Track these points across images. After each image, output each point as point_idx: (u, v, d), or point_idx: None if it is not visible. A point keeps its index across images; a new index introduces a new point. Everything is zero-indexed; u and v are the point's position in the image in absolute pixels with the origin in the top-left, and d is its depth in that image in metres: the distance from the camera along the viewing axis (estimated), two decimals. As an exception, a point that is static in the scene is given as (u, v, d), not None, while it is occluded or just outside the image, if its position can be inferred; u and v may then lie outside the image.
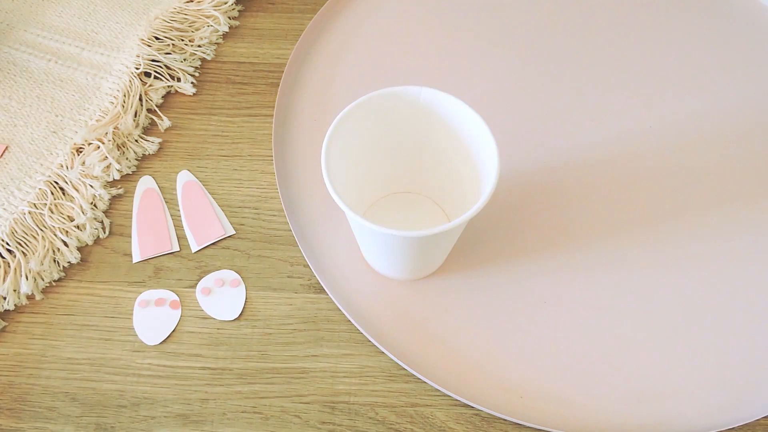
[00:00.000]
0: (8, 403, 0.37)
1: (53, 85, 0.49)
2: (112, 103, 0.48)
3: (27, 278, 0.40)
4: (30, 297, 0.41)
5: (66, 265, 0.42)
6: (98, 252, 0.43)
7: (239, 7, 0.55)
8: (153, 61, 0.50)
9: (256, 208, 0.45)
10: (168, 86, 0.50)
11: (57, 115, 0.47)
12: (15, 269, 0.41)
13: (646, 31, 0.53)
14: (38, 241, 0.42)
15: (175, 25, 0.52)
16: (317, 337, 0.39)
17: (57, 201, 0.43)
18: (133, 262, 0.42)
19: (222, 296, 0.41)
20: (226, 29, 0.53)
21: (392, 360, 0.38)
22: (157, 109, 0.49)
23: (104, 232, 0.43)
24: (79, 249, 0.43)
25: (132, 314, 0.40)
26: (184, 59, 0.51)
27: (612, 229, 0.43)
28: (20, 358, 0.39)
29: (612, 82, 0.50)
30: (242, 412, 0.37)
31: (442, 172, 0.40)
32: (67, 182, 0.44)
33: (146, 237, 0.43)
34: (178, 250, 0.42)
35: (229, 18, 0.54)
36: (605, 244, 0.43)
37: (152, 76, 0.50)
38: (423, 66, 0.51)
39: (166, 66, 0.50)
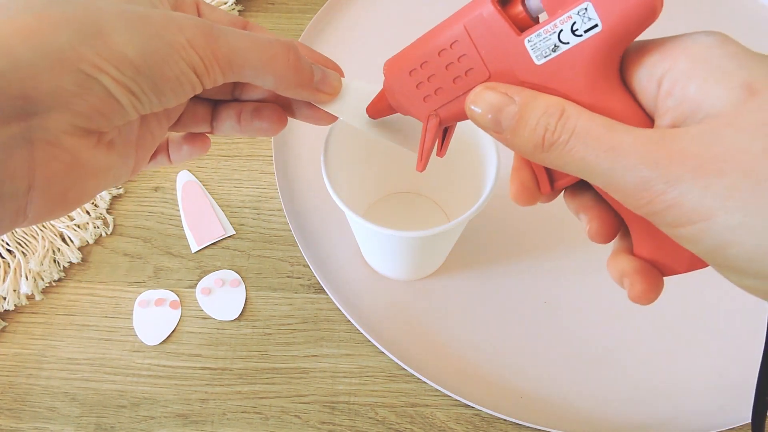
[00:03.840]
0: (8, 403, 0.37)
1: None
2: (112, 103, 0.47)
3: (27, 278, 0.40)
4: (30, 297, 0.41)
5: (66, 265, 0.42)
6: (98, 252, 0.43)
7: (239, 7, 0.55)
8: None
9: (256, 208, 0.45)
10: (168, 86, 0.49)
11: (57, 115, 0.47)
12: (15, 269, 0.41)
13: (646, 31, 0.53)
14: (38, 241, 0.42)
15: (175, 25, 0.52)
16: (317, 337, 0.39)
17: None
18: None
19: (222, 296, 0.41)
20: (226, 29, 0.53)
21: (392, 360, 0.38)
22: (157, 109, 0.49)
23: (108, 230, 0.43)
24: (79, 249, 0.43)
25: (132, 314, 0.40)
26: (184, 59, 0.51)
27: (612, 229, 0.43)
28: (20, 358, 0.39)
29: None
30: (242, 412, 0.37)
31: (442, 172, 0.39)
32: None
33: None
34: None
35: (229, 18, 0.54)
36: (605, 244, 0.43)
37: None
38: (423, 66, 0.51)
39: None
